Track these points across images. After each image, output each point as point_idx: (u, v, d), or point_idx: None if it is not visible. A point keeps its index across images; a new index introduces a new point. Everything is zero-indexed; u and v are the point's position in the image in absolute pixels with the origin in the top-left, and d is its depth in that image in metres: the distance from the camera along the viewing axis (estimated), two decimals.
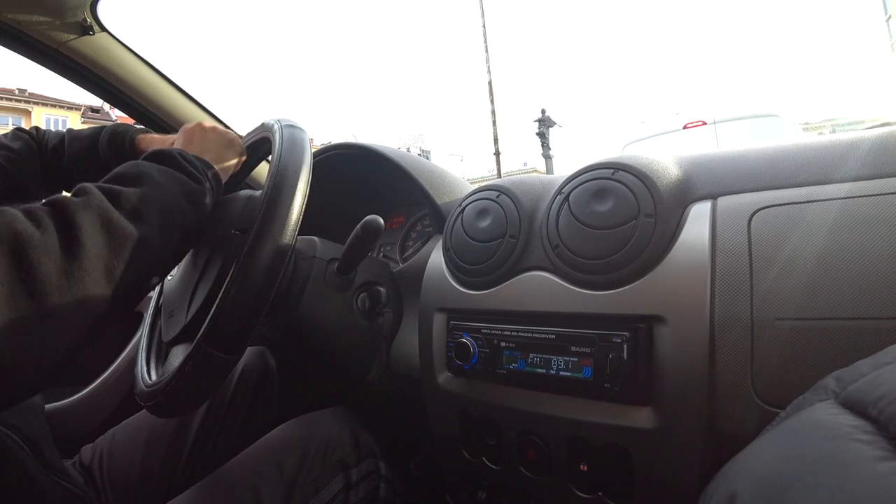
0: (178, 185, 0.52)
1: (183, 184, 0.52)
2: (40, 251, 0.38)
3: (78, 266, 0.40)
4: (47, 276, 0.38)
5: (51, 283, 0.38)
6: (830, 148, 0.47)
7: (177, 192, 0.51)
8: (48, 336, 0.38)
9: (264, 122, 0.66)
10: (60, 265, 0.39)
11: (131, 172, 0.49)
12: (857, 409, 0.21)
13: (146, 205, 0.46)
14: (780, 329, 0.41)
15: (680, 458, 0.46)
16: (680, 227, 0.49)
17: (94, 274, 0.41)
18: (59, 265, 0.39)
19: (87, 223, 0.41)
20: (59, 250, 0.39)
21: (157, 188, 0.49)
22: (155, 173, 0.50)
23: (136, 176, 0.49)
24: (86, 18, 0.88)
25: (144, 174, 0.49)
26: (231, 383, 0.80)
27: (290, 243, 0.50)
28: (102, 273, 0.42)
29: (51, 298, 0.38)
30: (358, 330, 0.71)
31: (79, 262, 0.40)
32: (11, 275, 0.36)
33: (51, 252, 0.38)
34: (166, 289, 0.65)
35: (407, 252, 0.95)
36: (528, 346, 0.55)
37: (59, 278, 0.38)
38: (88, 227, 0.41)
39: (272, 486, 0.58)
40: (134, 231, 0.44)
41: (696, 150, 0.57)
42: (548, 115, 12.32)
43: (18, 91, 27.41)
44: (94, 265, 0.41)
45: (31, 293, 0.37)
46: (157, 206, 0.47)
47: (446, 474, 0.70)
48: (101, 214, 0.43)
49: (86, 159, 0.72)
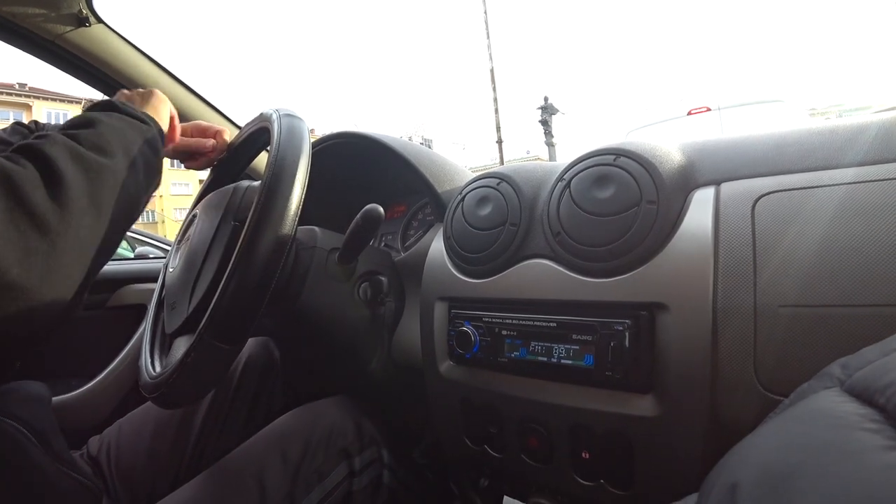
0: (129, 125, 0.54)
1: (133, 125, 0.55)
2: (28, 183, 0.40)
3: (63, 193, 0.42)
4: (41, 202, 0.40)
5: (46, 208, 0.40)
6: (836, 133, 0.46)
7: (131, 132, 0.54)
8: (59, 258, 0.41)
9: (263, 111, 0.65)
10: (49, 193, 0.41)
11: (82, 120, 0.52)
12: (864, 397, 0.20)
13: (108, 141, 0.49)
14: (783, 316, 0.41)
15: (682, 446, 0.45)
16: (683, 213, 0.49)
17: (80, 201, 0.43)
18: (48, 193, 0.41)
19: (60, 157, 0.44)
20: (42, 181, 0.41)
21: (111, 129, 0.51)
22: (104, 118, 0.52)
23: (87, 121, 0.51)
24: (81, 10, 0.87)
25: (95, 119, 0.52)
26: (235, 374, 0.80)
27: (290, 233, 0.50)
28: (87, 201, 0.44)
29: (51, 221, 0.40)
30: (360, 319, 0.71)
31: (63, 190, 0.42)
32: (10, 204, 0.38)
33: (36, 184, 0.41)
34: (168, 280, 0.65)
35: (408, 241, 0.95)
36: (529, 335, 0.55)
37: (52, 204, 0.41)
38: (62, 160, 0.43)
39: (276, 474, 0.59)
40: (102, 161, 0.47)
41: (700, 136, 0.56)
42: (550, 103, 12.21)
43: (19, 86, 27.38)
44: (77, 194, 0.43)
45: (31, 218, 0.39)
46: (117, 141, 0.50)
47: (449, 462, 0.70)
48: (69, 149, 0.45)
49: None
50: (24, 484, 0.52)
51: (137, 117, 0.57)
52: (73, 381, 1.04)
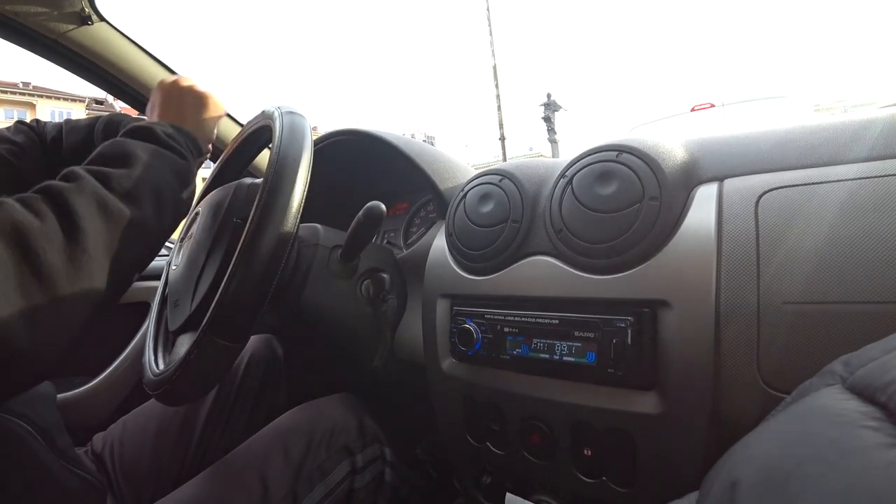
0: (166, 163, 0.52)
1: (170, 162, 0.52)
2: (43, 239, 0.38)
3: (81, 251, 0.40)
4: (53, 263, 0.38)
5: (58, 270, 0.39)
6: (841, 128, 0.46)
7: (166, 171, 0.51)
8: (60, 320, 0.39)
9: (264, 109, 0.65)
10: (64, 251, 0.39)
11: (118, 153, 0.49)
12: (866, 395, 0.20)
13: (139, 187, 0.47)
14: (787, 313, 0.40)
15: (684, 443, 0.45)
16: (685, 209, 0.49)
17: (98, 258, 0.42)
18: (63, 251, 0.39)
19: (84, 208, 0.42)
20: (62, 237, 0.40)
21: (146, 169, 0.49)
22: (141, 152, 0.50)
23: (122, 156, 0.49)
24: (84, 8, 0.87)
25: (131, 154, 0.49)
26: (238, 371, 0.80)
27: (292, 231, 0.50)
28: (105, 256, 0.42)
29: (59, 284, 0.39)
30: (362, 317, 0.71)
31: (81, 247, 0.40)
32: (19, 266, 0.37)
33: (53, 239, 0.39)
34: (171, 278, 0.65)
35: (411, 238, 0.95)
36: (531, 332, 0.55)
37: (64, 264, 0.39)
38: (85, 211, 0.42)
39: (278, 471, 0.59)
40: (129, 213, 0.45)
41: (703, 132, 0.56)
42: (553, 100, 12.17)
43: (22, 84, 27.53)
44: (95, 249, 0.41)
45: (40, 281, 0.38)
46: (148, 187, 0.48)
47: (452, 459, 0.71)
48: (97, 199, 0.43)
49: (83, 149, 0.72)
50: (30, 482, 0.53)
51: (179, 152, 0.54)
52: (77, 379, 1.05)
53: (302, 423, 0.65)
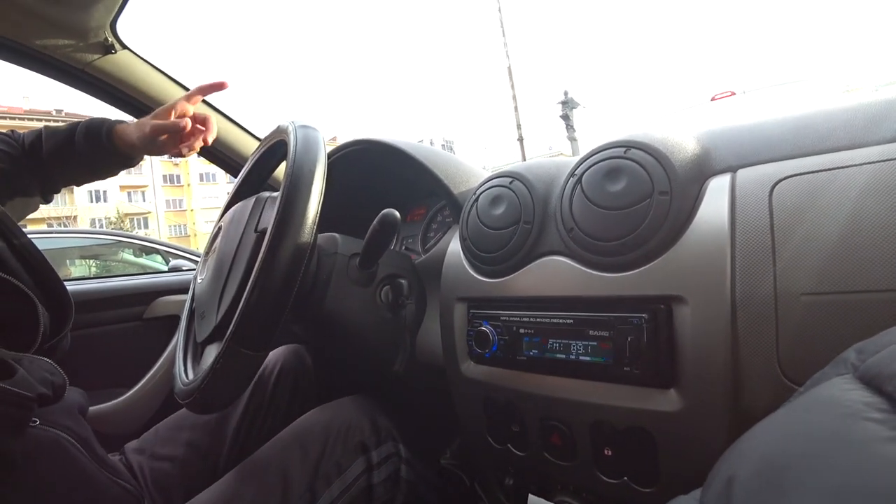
0: None
1: None
2: None
3: None
4: None
5: None
6: (860, 111, 0.44)
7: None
8: None
9: (280, 124, 0.67)
10: None
11: None
12: (874, 385, 0.19)
13: None
14: (805, 304, 0.39)
15: (706, 440, 0.45)
16: (698, 202, 0.48)
17: None
18: None
19: None
20: None
21: None
22: None
23: None
24: (107, 38, 0.91)
25: None
26: (269, 382, 0.82)
27: (308, 241, 0.51)
28: None
29: None
30: (382, 322, 0.72)
31: None
32: None
33: None
34: (198, 291, 0.67)
35: (428, 243, 0.96)
36: (546, 332, 0.55)
37: None
38: None
39: (298, 468, 0.60)
40: None
41: (716, 123, 0.55)
42: (571, 97, 12.05)
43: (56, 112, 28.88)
44: None
45: None
46: None
47: (475, 462, 0.71)
48: None
49: (63, 152, 0.78)
50: (76, 490, 0.55)
51: None
52: (112, 391, 1.09)
53: (317, 422, 0.67)
